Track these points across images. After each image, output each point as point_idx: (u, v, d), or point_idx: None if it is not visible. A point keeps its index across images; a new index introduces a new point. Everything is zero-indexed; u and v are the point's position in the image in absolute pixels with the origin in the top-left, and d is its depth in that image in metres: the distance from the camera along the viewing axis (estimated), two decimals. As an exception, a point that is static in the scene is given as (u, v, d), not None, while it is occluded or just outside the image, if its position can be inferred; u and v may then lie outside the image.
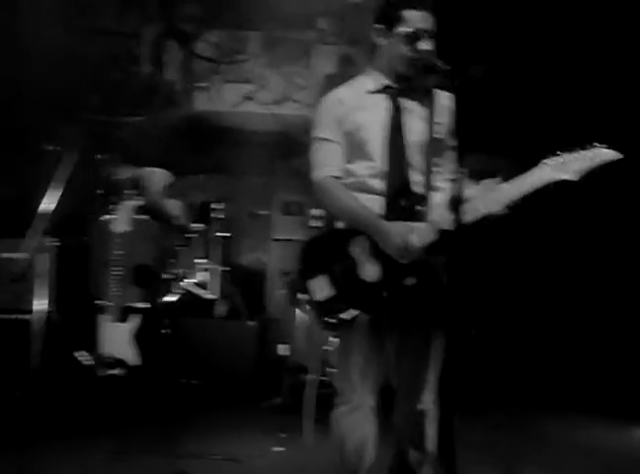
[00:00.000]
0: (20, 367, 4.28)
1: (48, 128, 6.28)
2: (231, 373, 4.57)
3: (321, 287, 2.58)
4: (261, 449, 3.38)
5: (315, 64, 7.01)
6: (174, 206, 5.60)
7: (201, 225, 5.39)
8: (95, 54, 6.99)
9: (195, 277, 5.16)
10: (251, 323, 4.80)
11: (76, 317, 4.58)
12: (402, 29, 2.55)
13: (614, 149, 2.31)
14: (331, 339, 2.95)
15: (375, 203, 2.59)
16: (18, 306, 4.49)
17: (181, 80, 7.07)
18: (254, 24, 6.92)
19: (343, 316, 2.53)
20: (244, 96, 6.90)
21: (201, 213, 5.48)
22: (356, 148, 2.65)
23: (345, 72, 6.92)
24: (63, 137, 5.90)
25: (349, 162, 2.68)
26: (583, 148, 2.34)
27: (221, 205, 5.44)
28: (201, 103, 7.02)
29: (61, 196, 4.69)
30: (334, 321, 2.55)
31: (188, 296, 5.00)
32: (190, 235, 5.36)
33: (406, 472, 2.75)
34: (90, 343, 4.28)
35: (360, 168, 2.64)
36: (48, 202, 4.60)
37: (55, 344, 4.40)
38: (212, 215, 5.38)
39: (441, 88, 2.71)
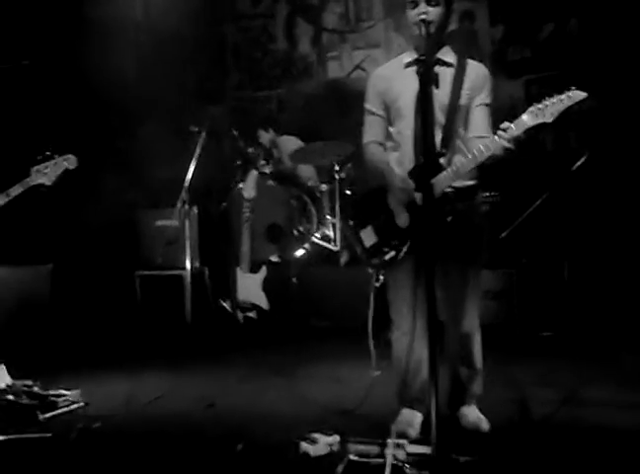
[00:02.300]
0: (177, 313, 5.40)
1: (195, 111, 7.39)
2: (353, 314, 5.35)
3: (368, 236, 3.30)
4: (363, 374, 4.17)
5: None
6: (305, 170, 6.48)
7: (328, 185, 6.15)
8: (236, 37, 8.00)
9: (322, 232, 5.98)
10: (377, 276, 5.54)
11: (219, 271, 5.64)
12: (408, 3, 3.10)
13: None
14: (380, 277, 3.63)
15: (406, 160, 3.24)
16: (173, 264, 5.63)
17: (313, 52, 7.88)
18: (376, -10, 7.55)
19: (386, 257, 3.24)
20: (369, 60, 7.51)
21: (329, 175, 6.23)
22: (395, 115, 3.30)
23: (465, 27, 7.38)
24: (208, 118, 6.96)
25: (391, 126, 3.34)
26: (560, 93, 2.86)
27: (344, 167, 6.12)
28: (334, 71, 7.80)
29: (203, 169, 5.71)
30: (380, 262, 3.27)
31: (315, 248, 5.87)
32: (319, 194, 6.19)
33: (459, 387, 3.40)
34: (230, 291, 5.30)
35: (396, 131, 3.31)
36: (192, 176, 5.62)
37: (203, 293, 5.50)
38: (338, 176, 6.08)
39: (473, 57, 3.30)
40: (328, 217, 6.03)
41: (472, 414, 3.37)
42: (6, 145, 5.43)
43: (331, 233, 5.94)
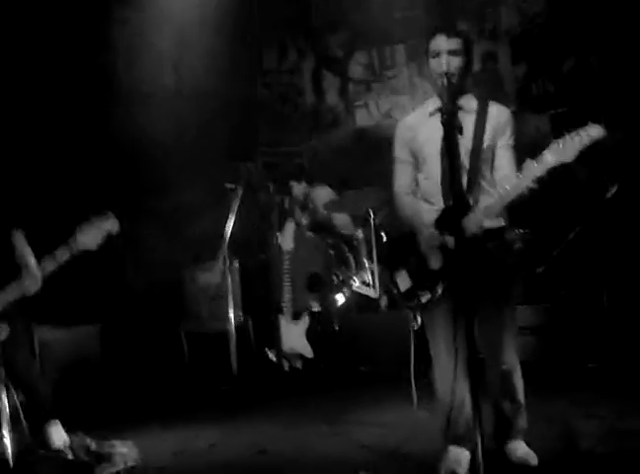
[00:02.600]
0: (219, 366, 5.56)
1: (229, 169, 7.64)
2: (396, 358, 5.43)
3: (403, 280, 3.44)
4: (405, 417, 4.26)
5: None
6: (340, 218, 6.64)
7: (363, 232, 6.30)
8: (263, 93, 8.28)
9: (361, 278, 6.12)
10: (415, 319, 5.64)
11: (262, 322, 5.80)
12: (429, 53, 3.31)
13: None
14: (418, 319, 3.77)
15: (434, 208, 3.38)
16: (217, 318, 5.80)
17: (340, 102, 8.12)
18: (397, 37, 7.79)
19: (422, 300, 3.36)
20: (396, 107, 7.72)
21: (365, 222, 6.38)
22: (421, 163, 3.46)
23: (488, 68, 7.56)
24: (242, 174, 7.21)
25: (418, 172, 3.50)
26: (574, 131, 2.95)
27: (382, 212, 6.25)
28: (362, 119, 8.01)
29: (241, 223, 5.91)
30: (416, 305, 3.39)
31: (355, 295, 6.00)
32: (355, 242, 6.34)
33: (504, 422, 3.46)
34: (274, 341, 5.45)
35: (423, 177, 3.46)
36: (231, 231, 5.81)
37: (248, 344, 5.65)
38: (373, 223, 6.20)
39: (495, 99, 3.46)
40: (366, 263, 6.16)
41: (520, 448, 3.43)
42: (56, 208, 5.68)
43: (370, 279, 6.06)
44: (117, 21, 7.48)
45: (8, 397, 3.76)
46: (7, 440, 3.69)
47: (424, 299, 3.36)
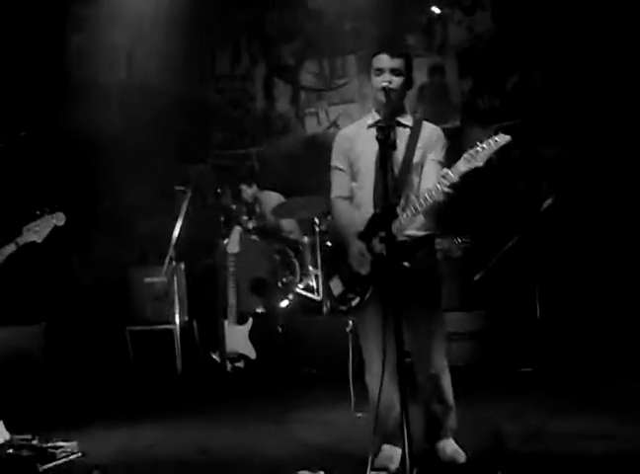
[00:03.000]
0: (168, 365, 5.67)
1: (179, 171, 7.75)
2: (336, 360, 5.60)
3: (336, 285, 3.62)
4: (347, 415, 4.43)
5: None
6: (288, 224, 6.80)
7: (310, 238, 6.48)
8: (215, 98, 8.40)
9: (305, 283, 6.28)
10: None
11: (207, 324, 5.92)
12: (373, 69, 3.50)
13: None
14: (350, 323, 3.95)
15: (366, 215, 3.55)
16: (162, 318, 5.91)
17: (291, 109, 8.29)
18: (348, 48, 8.00)
19: (352, 304, 3.55)
20: (345, 115, 7.91)
21: (311, 228, 6.55)
22: (355, 172, 3.65)
23: (436, 81, 7.81)
24: (192, 177, 7.31)
25: (353, 181, 3.67)
26: (488, 137, 3.22)
27: (327, 220, 6.42)
28: (312, 126, 8.19)
29: (188, 226, 6.03)
30: (347, 308, 3.58)
31: (299, 299, 6.16)
32: (301, 247, 6.50)
33: (435, 423, 3.64)
34: (218, 343, 5.58)
35: (357, 186, 3.64)
36: (179, 233, 5.93)
37: (193, 345, 5.77)
38: (318, 229, 6.38)
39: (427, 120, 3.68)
40: (310, 269, 6.33)
41: (449, 447, 3.62)
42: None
43: (314, 284, 6.23)
44: (73, 15, 7.50)
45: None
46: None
47: (354, 303, 3.56)
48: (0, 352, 5.21)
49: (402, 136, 3.57)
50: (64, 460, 4.01)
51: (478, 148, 3.21)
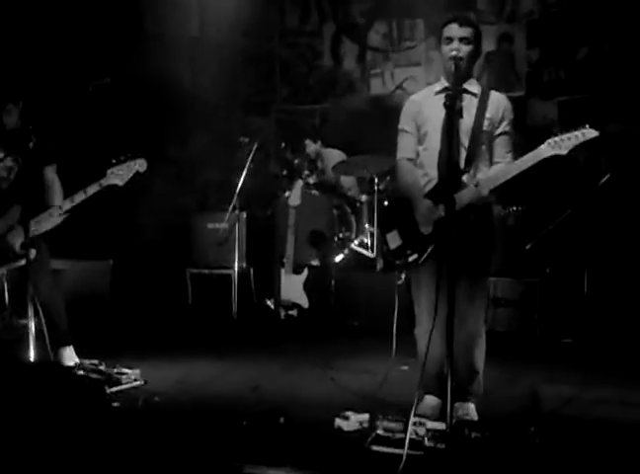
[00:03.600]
0: (220, 309, 6.01)
1: (244, 123, 8.02)
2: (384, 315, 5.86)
3: (393, 239, 3.84)
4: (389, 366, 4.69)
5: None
6: (347, 181, 7.03)
7: (368, 196, 6.69)
8: (283, 53, 8.60)
9: (360, 239, 6.52)
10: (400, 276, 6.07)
11: (263, 271, 6.24)
12: (443, 37, 3.69)
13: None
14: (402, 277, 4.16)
15: (431, 177, 3.77)
16: (222, 264, 6.24)
17: (357, 69, 8.44)
18: (418, 12, 8.09)
19: (409, 259, 3.77)
20: (407, 77, 8.04)
21: (369, 186, 6.76)
22: (423, 136, 3.84)
23: (503, 49, 7.87)
24: (258, 130, 7.57)
25: (420, 145, 3.88)
26: (575, 129, 3.38)
27: (383, 179, 6.64)
28: (377, 87, 8.34)
29: (252, 177, 6.31)
30: (402, 263, 3.80)
31: (354, 255, 6.41)
32: (359, 204, 6.73)
33: (459, 384, 3.83)
34: (274, 291, 5.89)
35: (423, 149, 3.84)
36: (243, 183, 6.21)
37: (248, 291, 6.09)
38: (377, 188, 6.58)
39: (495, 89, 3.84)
40: (366, 226, 6.55)
41: (471, 411, 3.80)
42: (82, 150, 6.06)
43: (368, 241, 6.47)
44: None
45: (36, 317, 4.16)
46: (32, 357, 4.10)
47: (410, 259, 3.76)
48: (71, 282, 5.57)
49: (470, 104, 3.71)
50: (128, 386, 4.37)
51: (564, 137, 3.37)
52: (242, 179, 6.01)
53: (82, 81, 4.54)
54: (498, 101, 3.77)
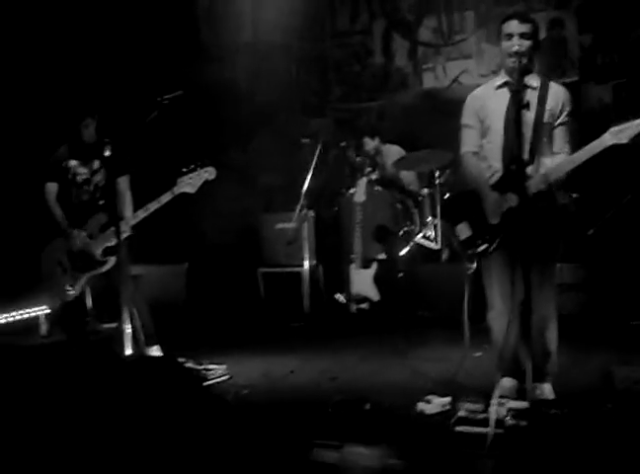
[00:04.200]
0: (293, 305, 6.28)
1: (305, 124, 8.29)
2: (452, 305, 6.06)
3: (463, 230, 4.05)
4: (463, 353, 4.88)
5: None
6: (407, 176, 7.23)
7: (429, 190, 6.89)
8: (335, 53, 8.83)
9: (424, 232, 6.73)
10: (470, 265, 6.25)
11: (332, 267, 6.50)
12: (503, 33, 3.87)
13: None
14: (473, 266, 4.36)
15: (495, 169, 3.96)
16: (291, 262, 6.53)
17: (409, 64, 8.62)
18: (467, 4, 8.24)
19: (479, 249, 3.98)
20: (460, 69, 8.20)
21: (429, 180, 6.97)
22: (486, 129, 4.04)
23: (554, 35, 7.96)
24: (321, 130, 7.83)
25: (483, 138, 4.07)
26: (636, 117, 3.53)
27: (444, 172, 6.83)
28: (429, 81, 8.51)
29: (318, 177, 6.56)
30: (473, 253, 4.01)
31: (419, 247, 6.63)
32: (420, 198, 6.93)
33: (535, 366, 3.99)
34: (343, 286, 6.15)
35: (487, 142, 4.03)
36: (309, 183, 6.47)
37: (318, 288, 6.37)
38: (437, 181, 6.78)
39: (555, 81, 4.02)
40: (429, 219, 6.75)
41: (547, 390, 4.01)
42: (153, 160, 6.40)
43: (432, 233, 6.67)
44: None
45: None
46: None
47: (481, 248, 3.97)
48: (149, 286, 5.89)
49: (531, 97, 3.87)
50: (216, 381, 4.67)
51: (627, 125, 3.52)
52: (308, 178, 6.25)
53: (157, 94, 4.82)
54: (557, 93, 3.95)
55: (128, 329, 4.33)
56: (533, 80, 3.96)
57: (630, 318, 5.73)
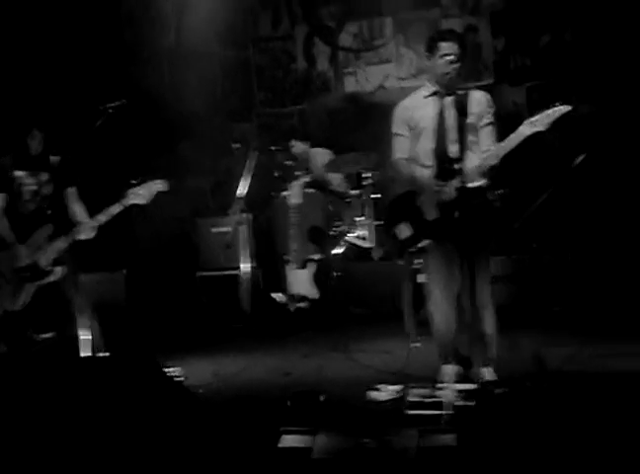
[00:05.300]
0: (233, 307, 6.54)
1: (231, 129, 8.50)
2: (388, 300, 6.42)
3: (403, 230, 4.39)
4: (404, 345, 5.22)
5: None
6: (335, 178, 7.54)
7: (358, 191, 7.24)
8: (259, 58, 9.07)
9: (355, 232, 7.06)
10: (400, 262, 6.61)
11: (268, 269, 6.76)
12: (439, 53, 4.25)
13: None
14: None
15: (426, 172, 4.32)
16: (229, 265, 6.75)
17: (330, 69, 8.94)
18: (386, 10, 8.63)
19: (420, 245, 4.34)
20: (384, 75, 8.58)
21: (357, 182, 7.31)
22: (417, 135, 4.39)
23: (469, 40, 8.43)
24: (244, 135, 8.05)
25: (414, 144, 4.42)
26: (547, 107, 3.94)
27: (372, 174, 7.17)
28: (350, 85, 8.85)
29: (250, 181, 6.80)
30: (415, 250, 4.37)
31: (351, 246, 6.96)
32: (349, 199, 7.26)
33: (476, 351, 4.38)
34: (281, 286, 6.42)
35: (419, 149, 4.38)
36: (241, 187, 6.70)
37: (257, 289, 6.62)
38: (365, 183, 7.12)
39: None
40: (358, 219, 7.08)
41: (486, 374, 4.33)
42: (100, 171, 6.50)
43: (363, 233, 7.01)
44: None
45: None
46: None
47: (422, 244, 4.33)
48: (90, 292, 5.98)
49: (455, 103, 4.31)
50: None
51: (541, 115, 3.94)
52: (243, 183, 6.50)
53: (100, 104, 4.96)
54: (480, 96, 4.38)
55: (86, 336, 4.45)
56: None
57: (553, 305, 6.21)
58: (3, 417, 3.38)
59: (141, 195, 4.90)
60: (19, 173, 5.12)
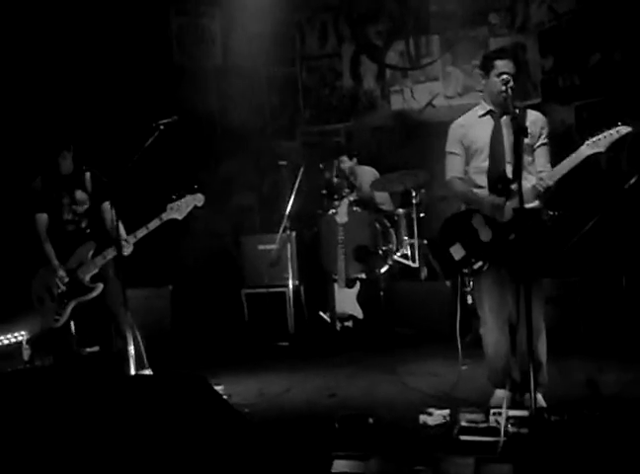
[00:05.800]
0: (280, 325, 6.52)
1: (278, 146, 8.51)
2: (434, 321, 6.32)
3: (457, 251, 4.31)
4: (453, 368, 5.13)
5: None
6: (381, 196, 7.50)
7: (404, 210, 7.17)
8: (306, 76, 9.09)
9: (402, 251, 6.99)
10: (447, 282, 6.54)
11: (314, 287, 6.72)
12: (494, 72, 4.20)
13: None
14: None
15: (481, 192, 4.25)
16: (275, 283, 6.72)
17: (377, 87, 8.93)
18: (433, 29, 8.60)
19: (475, 267, 4.25)
20: (431, 93, 8.54)
21: (403, 200, 7.25)
22: (472, 154, 4.34)
23: (519, 57, 8.34)
24: (290, 152, 8.05)
25: (467, 165, 4.37)
26: (608, 128, 3.87)
27: (419, 192, 7.11)
28: (397, 103, 8.82)
29: (298, 199, 6.79)
30: (469, 271, 4.29)
31: (398, 265, 6.89)
32: (396, 218, 7.21)
33: (526, 376, 4.25)
34: (327, 304, 6.37)
35: (473, 166, 4.32)
36: (289, 205, 6.68)
37: (300, 307, 6.58)
38: (412, 201, 7.06)
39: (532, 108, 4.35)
40: (405, 238, 7.03)
41: (537, 400, 4.24)
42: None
43: (409, 251, 6.94)
44: (174, 9, 8.32)
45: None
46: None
47: (476, 266, 4.24)
48: (136, 308, 5.99)
49: (511, 123, 4.20)
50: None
51: (600, 136, 3.87)
52: (291, 200, 6.48)
53: (152, 121, 4.98)
54: (535, 117, 4.30)
55: (132, 350, 4.45)
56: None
57: (605, 331, 6.04)
58: (45, 428, 3.37)
59: (179, 209, 4.92)
60: (55, 194, 5.17)
